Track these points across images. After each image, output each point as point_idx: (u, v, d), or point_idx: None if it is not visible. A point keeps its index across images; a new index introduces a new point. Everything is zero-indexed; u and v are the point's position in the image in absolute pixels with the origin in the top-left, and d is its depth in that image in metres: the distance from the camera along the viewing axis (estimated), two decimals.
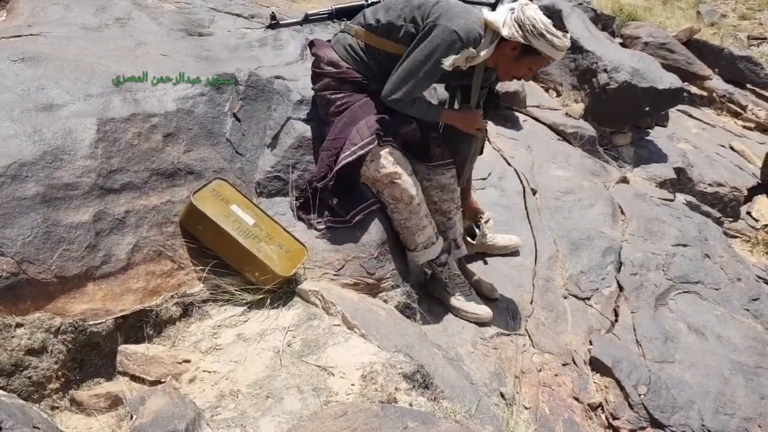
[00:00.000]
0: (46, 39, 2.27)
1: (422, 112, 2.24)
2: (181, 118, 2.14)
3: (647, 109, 4.63)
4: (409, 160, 2.26)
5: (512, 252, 2.89)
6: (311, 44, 2.37)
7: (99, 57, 2.21)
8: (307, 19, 2.37)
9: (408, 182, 2.17)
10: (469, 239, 2.71)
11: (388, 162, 2.15)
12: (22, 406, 1.24)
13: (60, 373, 1.51)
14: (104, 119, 1.91)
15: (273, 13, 2.36)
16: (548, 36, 1.96)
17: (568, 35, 2.04)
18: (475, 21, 2.04)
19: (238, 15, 3.13)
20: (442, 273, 2.38)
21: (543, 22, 1.97)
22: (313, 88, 2.36)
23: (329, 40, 2.36)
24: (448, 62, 2.01)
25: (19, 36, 2.27)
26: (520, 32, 1.98)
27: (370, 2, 2.31)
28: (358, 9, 2.30)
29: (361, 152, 2.12)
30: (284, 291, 2.00)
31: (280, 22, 2.37)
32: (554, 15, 2.07)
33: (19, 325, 1.48)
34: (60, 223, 1.66)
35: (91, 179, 1.78)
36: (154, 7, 2.80)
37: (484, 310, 2.37)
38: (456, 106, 2.46)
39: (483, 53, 2.05)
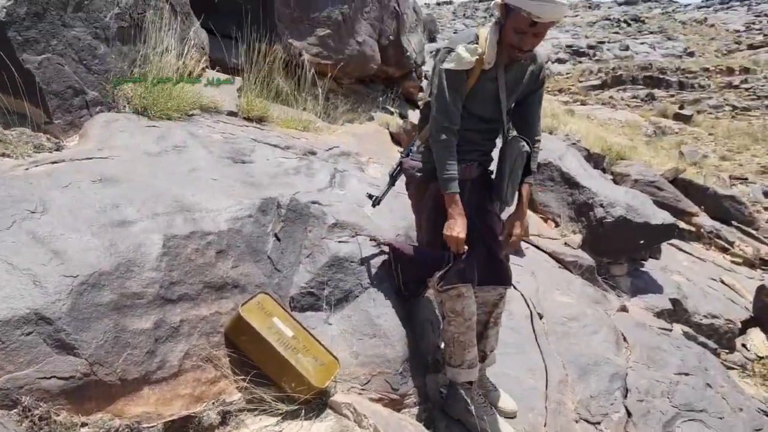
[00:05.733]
0: (114, 162, 2.57)
1: (442, 164, 2.18)
2: (231, 236, 2.38)
3: (642, 242, 4.96)
4: None
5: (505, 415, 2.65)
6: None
7: (161, 180, 2.50)
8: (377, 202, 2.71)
9: (472, 299, 2.28)
10: None
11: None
12: None
13: None
14: (168, 236, 2.14)
15: (369, 193, 2.74)
16: None
17: None
18: (466, 31, 2.22)
19: (275, 146, 3.50)
20: (469, 392, 2.43)
21: None
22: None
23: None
24: (458, 63, 2.07)
25: (92, 158, 2.57)
26: None
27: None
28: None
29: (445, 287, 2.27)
30: (317, 403, 2.11)
31: (381, 198, 2.69)
32: None
33: (83, 425, 1.59)
34: (127, 329, 1.82)
35: (154, 289, 1.97)
36: (205, 136, 3.16)
37: (507, 430, 2.43)
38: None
39: (490, 38, 2.07)
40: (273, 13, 5.02)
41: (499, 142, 2.45)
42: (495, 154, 2.51)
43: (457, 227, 2.19)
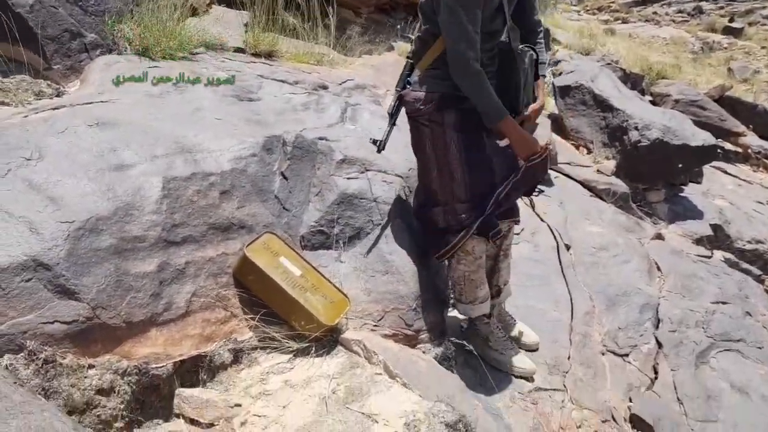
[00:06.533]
0: (115, 105, 2.51)
1: (482, 97, 2.01)
2: (235, 176, 2.32)
3: (680, 166, 4.69)
4: None
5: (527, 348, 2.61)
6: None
7: (162, 121, 2.43)
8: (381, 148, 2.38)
9: (481, 237, 2.20)
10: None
11: None
12: None
13: (125, 413, 1.61)
14: (168, 178, 2.09)
15: (372, 138, 2.40)
16: None
17: None
18: None
19: (283, 81, 3.38)
20: (488, 326, 2.41)
21: None
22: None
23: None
24: None
25: (91, 103, 2.51)
26: None
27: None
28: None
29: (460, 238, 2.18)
30: (328, 340, 2.09)
31: (384, 141, 2.36)
32: None
33: (90, 366, 1.60)
34: (129, 272, 1.81)
35: (156, 232, 1.94)
36: (210, 75, 3.05)
37: (529, 364, 2.39)
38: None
39: None
40: None
41: None
42: None
43: (527, 143, 2.08)
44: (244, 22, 3.92)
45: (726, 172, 6.27)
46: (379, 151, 2.34)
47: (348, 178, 2.61)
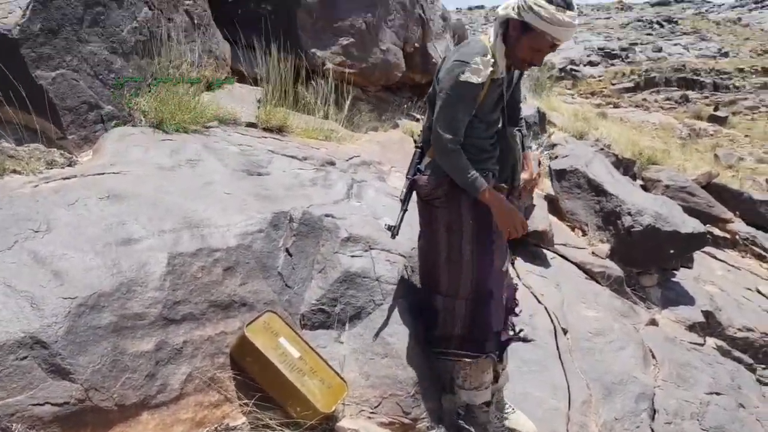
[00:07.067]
0: (126, 177, 2.54)
1: (460, 173, 2.15)
2: (241, 252, 2.33)
3: (672, 252, 4.76)
4: None
5: None
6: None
7: (172, 195, 2.46)
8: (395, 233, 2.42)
9: None
10: None
11: None
12: None
13: None
14: (174, 254, 2.10)
15: (386, 225, 2.44)
16: (535, 8, 1.94)
17: (569, 12, 1.95)
18: (473, 43, 2.20)
19: (293, 157, 3.45)
20: (487, 414, 2.38)
21: (536, 0, 1.95)
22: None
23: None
24: (477, 76, 2.05)
25: (103, 174, 2.55)
26: (515, 10, 2.04)
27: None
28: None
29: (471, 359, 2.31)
30: (323, 428, 2.04)
31: (398, 226, 2.39)
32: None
33: None
34: (126, 351, 1.78)
35: (157, 310, 1.93)
36: (221, 149, 3.12)
37: None
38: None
39: (497, 49, 2.10)
40: (296, 23, 4.99)
41: None
42: None
43: (513, 216, 2.21)
44: (257, 97, 4.05)
45: (716, 258, 6.36)
46: (393, 237, 2.39)
47: (352, 256, 2.63)
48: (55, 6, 2.67)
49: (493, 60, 2.08)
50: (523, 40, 2.06)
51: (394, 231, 2.37)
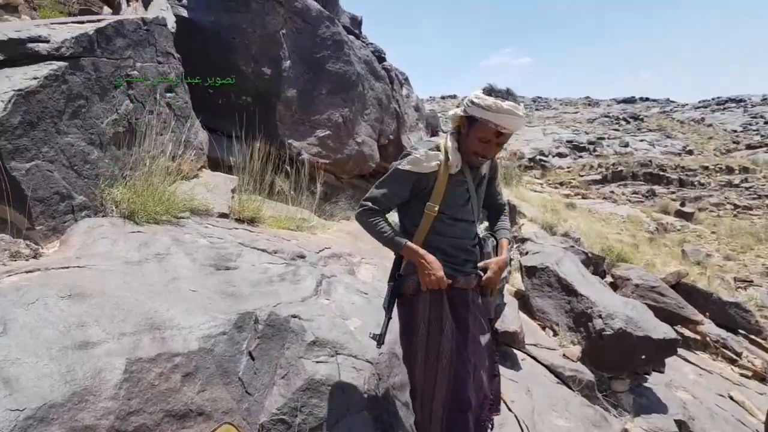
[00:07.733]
0: (90, 272, 2.50)
1: (381, 236, 2.29)
2: (201, 357, 2.25)
3: (643, 357, 4.75)
4: None
5: None
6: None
7: (136, 292, 2.41)
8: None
9: None
10: None
11: None
12: None
13: None
14: (132, 359, 2.03)
15: (371, 334, 2.41)
16: (476, 100, 2.15)
17: (508, 102, 2.11)
18: (431, 140, 2.36)
19: (263, 250, 3.45)
20: None
21: (477, 94, 2.17)
22: None
23: None
24: (413, 166, 2.22)
25: (68, 267, 2.50)
26: (461, 107, 2.25)
27: None
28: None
29: None
30: None
31: (383, 334, 2.38)
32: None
33: None
34: None
35: (109, 421, 1.83)
36: (190, 242, 3.11)
37: None
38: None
39: (449, 145, 2.26)
40: (275, 115, 5.18)
41: None
42: None
43: (432, 270, 2.22)
44: (231, 187, 4.10)
45: (687, 360, 6.37)
46: (378, 346, 2.36)
47: (317, 362, 2.57)
48: (37, 99, 2.72)
49: (442, 156, 2.24)
50: (471, 133, 2.22)
51: (378, 340, 2.35)
